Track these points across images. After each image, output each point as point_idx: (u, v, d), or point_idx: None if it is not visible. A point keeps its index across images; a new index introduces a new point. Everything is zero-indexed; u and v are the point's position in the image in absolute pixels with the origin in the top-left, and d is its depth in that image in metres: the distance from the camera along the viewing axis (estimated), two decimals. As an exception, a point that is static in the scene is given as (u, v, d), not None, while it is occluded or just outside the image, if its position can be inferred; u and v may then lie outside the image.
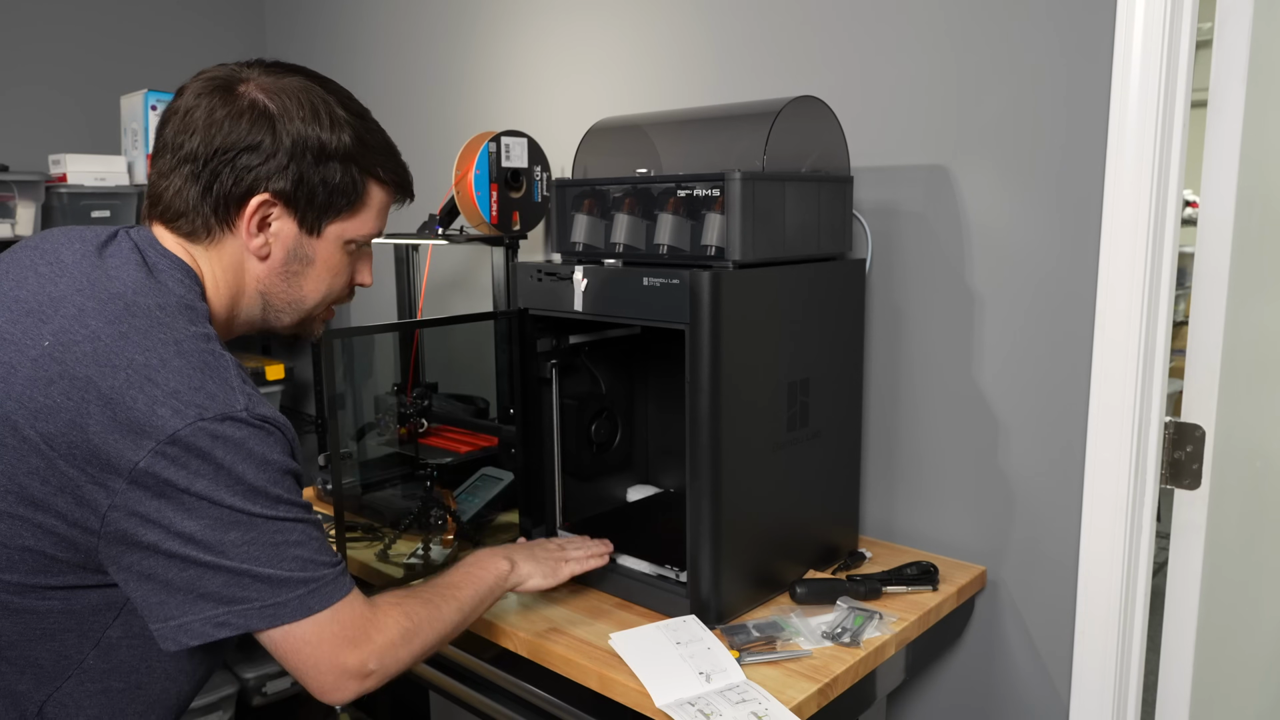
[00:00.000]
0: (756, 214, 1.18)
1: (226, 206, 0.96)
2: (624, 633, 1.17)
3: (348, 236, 1.04)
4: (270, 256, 1.00)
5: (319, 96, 0.98)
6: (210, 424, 0.84)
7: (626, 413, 1.57)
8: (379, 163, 1.04)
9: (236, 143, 0.94)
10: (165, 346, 0.87)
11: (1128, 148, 1.23)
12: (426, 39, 2.27)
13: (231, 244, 0.98)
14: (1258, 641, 1.59)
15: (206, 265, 0.99)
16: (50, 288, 0.91)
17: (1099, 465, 1.30)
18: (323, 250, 1.03)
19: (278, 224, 0.98)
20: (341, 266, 1.06)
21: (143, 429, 0.83)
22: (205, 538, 0.85)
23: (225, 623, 0.87)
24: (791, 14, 1.57)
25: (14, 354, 0.87)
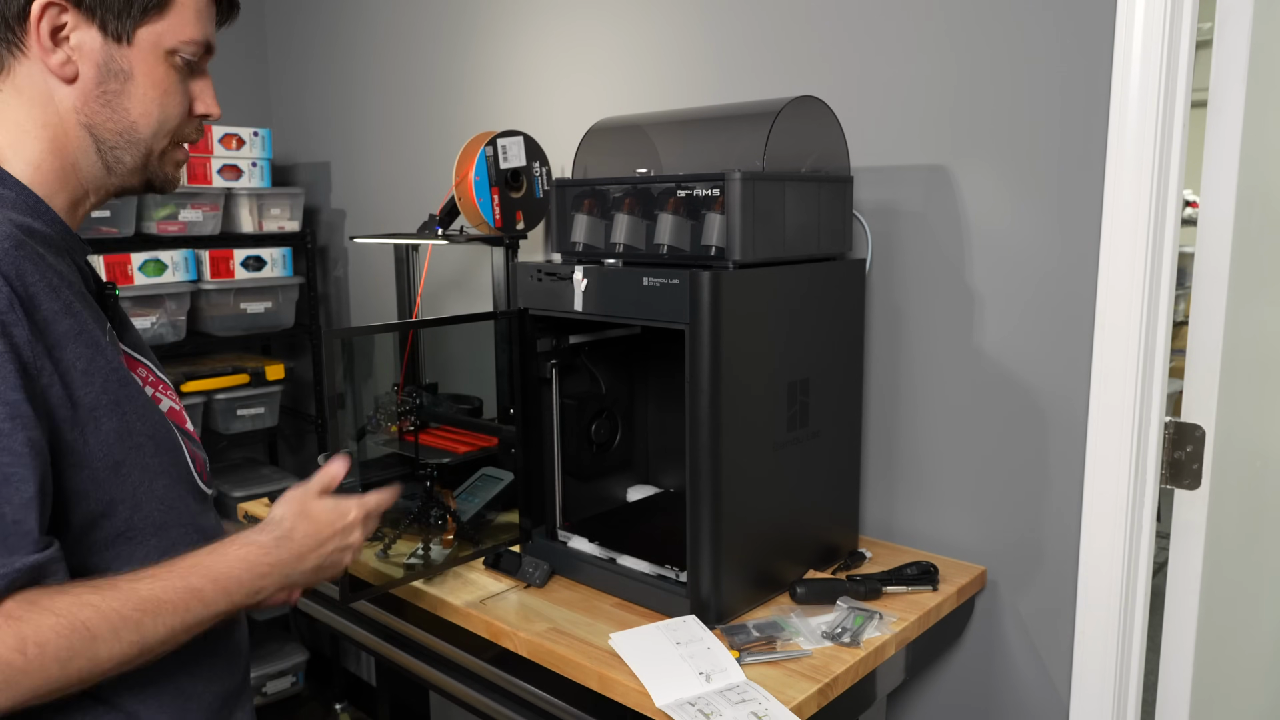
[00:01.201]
0: (756, 214, 1.18)
1: (7, 23, 0.81)
2: (624, 633, 1.17)
3: (166, 44, 0.87)
4: (80, 77, 0.84)
5: None
6: None
7: (626, 413, 1.57)
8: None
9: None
10: None
11: (1128, 148, 1.23)
12: (426, 39, 2.27)
13: (28, 70, 0.83)
14: (1258, 641, 1.59)
15: (2, 117, 0.84)
16: None
17: (1099, 465, 1.30)
18: (140, 62, 0.86)
19: (77, 35, 0.83)
20: (171, 85, 0.89)
21: None
22: None
23: None
24: (791, 14, 1.57)
25: None
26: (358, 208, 2.59)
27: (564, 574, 1.38)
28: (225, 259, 2.37)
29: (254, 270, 2.42)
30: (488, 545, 1.45)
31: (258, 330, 2.48)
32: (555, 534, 1.44)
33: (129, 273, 2.20)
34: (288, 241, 2.56)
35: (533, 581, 1.35)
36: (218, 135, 2.35)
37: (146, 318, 2.27)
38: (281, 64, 2.79)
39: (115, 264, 2.18)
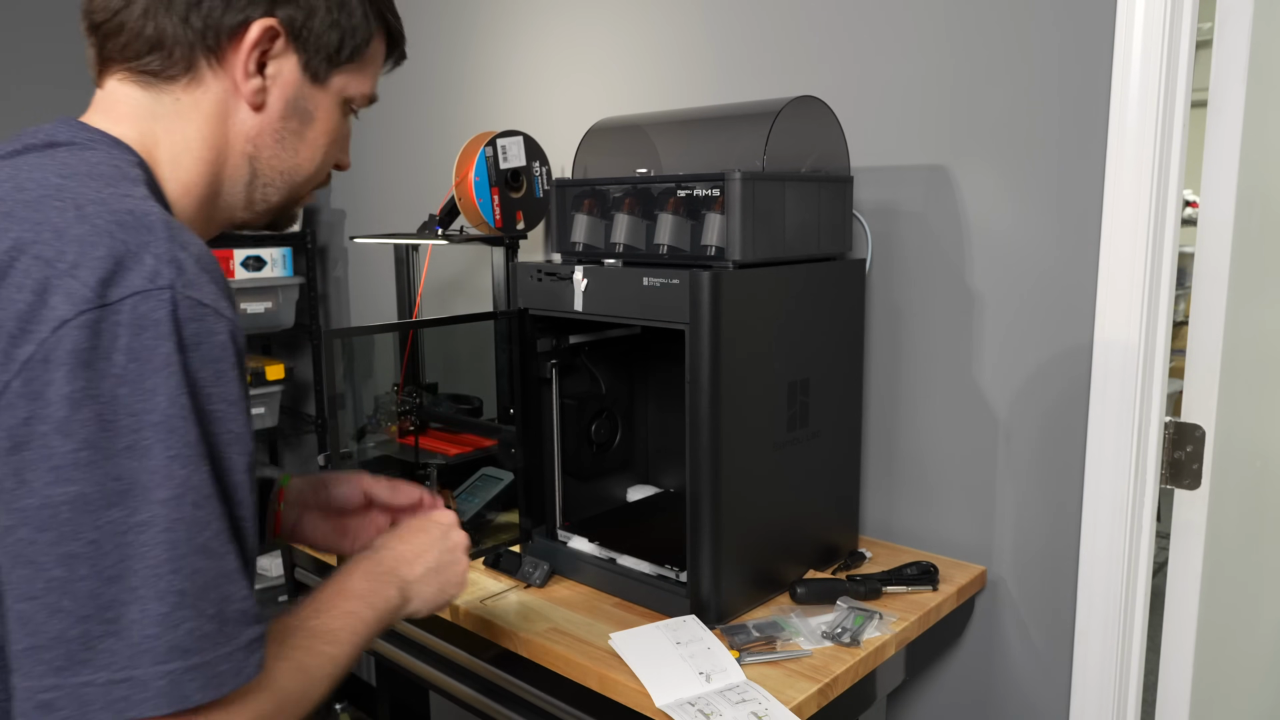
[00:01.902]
0: (756, 214, 1.18)
1: (217, 34, 0.74)
2: (624, 633, 1.17)
3: (349, 92, 0.84)
4: (266, 107, 0.79)
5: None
6: (110, 311, 0.60)
7: (626, 413, 1.57)
8: (388, 8, 0.86)
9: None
10: (63, 214, 0.63)
11: (1128, 148, 1.23)
12: (426, 39, 2.27)
13: (215, 87, 0.76)
14: (1258, 641, 1.59)
15: (172, 133, 0.77)
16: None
17: (1099, 465, 1.30)
18: (323, 105, 0.83)
19: (278, 64, 0.78)
20: (339, 133, 0.86)
21: (24, 328, 0.59)
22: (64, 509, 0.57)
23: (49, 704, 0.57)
24: (791, 14, 1.57)
25: None
26: (358, 208, 2.59)
27: (564, 574, 1.38)
28: (225, 259, 2.37)
29: (254, 270, 2.42)
30: (488, 545, 1.45)
31: (257, 330, 2.48)
32: (555, 534, 1.44)
33: (129, 273, 2.20)
34: (288, 241, 2.56)
35: (533, 581, 1.35)
36: (218, 135, 2.35)
37: (146, 318, 2.27)
38: (281, 64, 2.78)
39: (115, 264, 2.17)
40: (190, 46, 0.74)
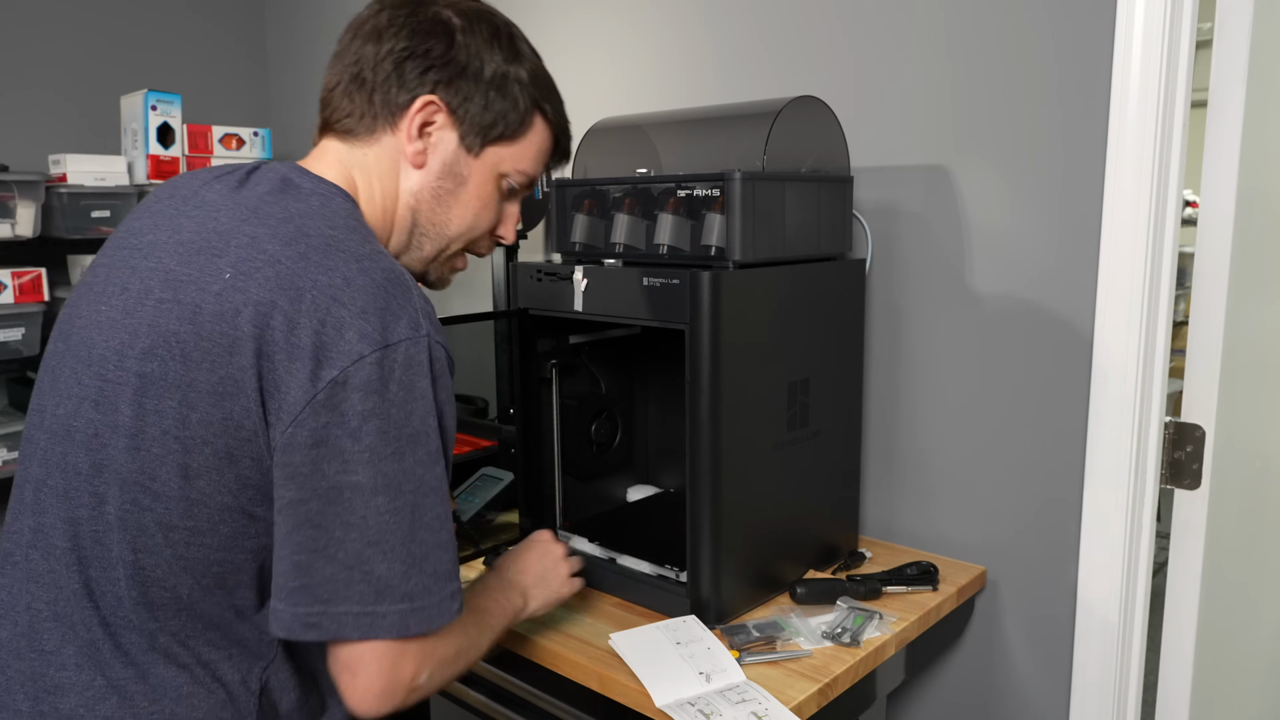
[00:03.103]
0: (756, 214, 1.18)
1: (392, 103, 0.94)
2: (624, 633, 1.17)
3: (504, 167, 1.00)
4: (426, 166, 0.96)
5: (503, 23, 0.99)
6: (394, 351, 0.80)
7: (626, 413, 1.57)
8: (549, 100, 1.02)
9: (414, 47, 0.94)
10: (347, 264, 0.83)
11: (1128, 148, 1.23)
12: (426, 39, 2.27)
13: (389, 144, 0.95)
14: (1258, 641, 1.59)
15: (363, 177, 0.95)
16: (212, 224, 0.87)
17: (1099, 465, 1.30)
18: (477, 173, 0.99)
19: (439, 133, 0.96)
20: (491, 200, 1.01)
21: (326, 358, 0.79)
22: (354, 497, 0.79)
23: (315, 624, 0.80)
24: (791, 14, 1.57)
25: (196, 293, 0.83)
26: (358, 208, 2.59)
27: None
28: (225, 259, 2.37)
29: (254, 270, 2.42)
30: (488, 545, 1.45)
31: (258, 330, 2.48)
32: (555, 534, 1.44)
33: (129, 273, 2.20)
34: (288, 241, 2.55)
35: (533, 581, 1.35)
36: (218, 135, 2.35)
37: (146, 318, 2.27)
38: (281, 64, 2.79)
39: (115, 264, 2.17)
40: (374, 117, 0.95)
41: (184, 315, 0.82)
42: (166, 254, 0.87)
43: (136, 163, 2.29)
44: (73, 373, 0.88)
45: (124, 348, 0.84)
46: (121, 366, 0.84)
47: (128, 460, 0.82)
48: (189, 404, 0.80)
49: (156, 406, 0.81)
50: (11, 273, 2.05)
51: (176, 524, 0.82)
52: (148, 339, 0.83)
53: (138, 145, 2.28)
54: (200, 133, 2.32)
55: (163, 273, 0.86)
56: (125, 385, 0.83)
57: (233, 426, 0.80)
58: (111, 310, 0.87)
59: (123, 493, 0.82)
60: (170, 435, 0.81)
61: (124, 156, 2.27)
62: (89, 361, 0.86)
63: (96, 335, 0.87)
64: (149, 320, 0.84)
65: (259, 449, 0.81)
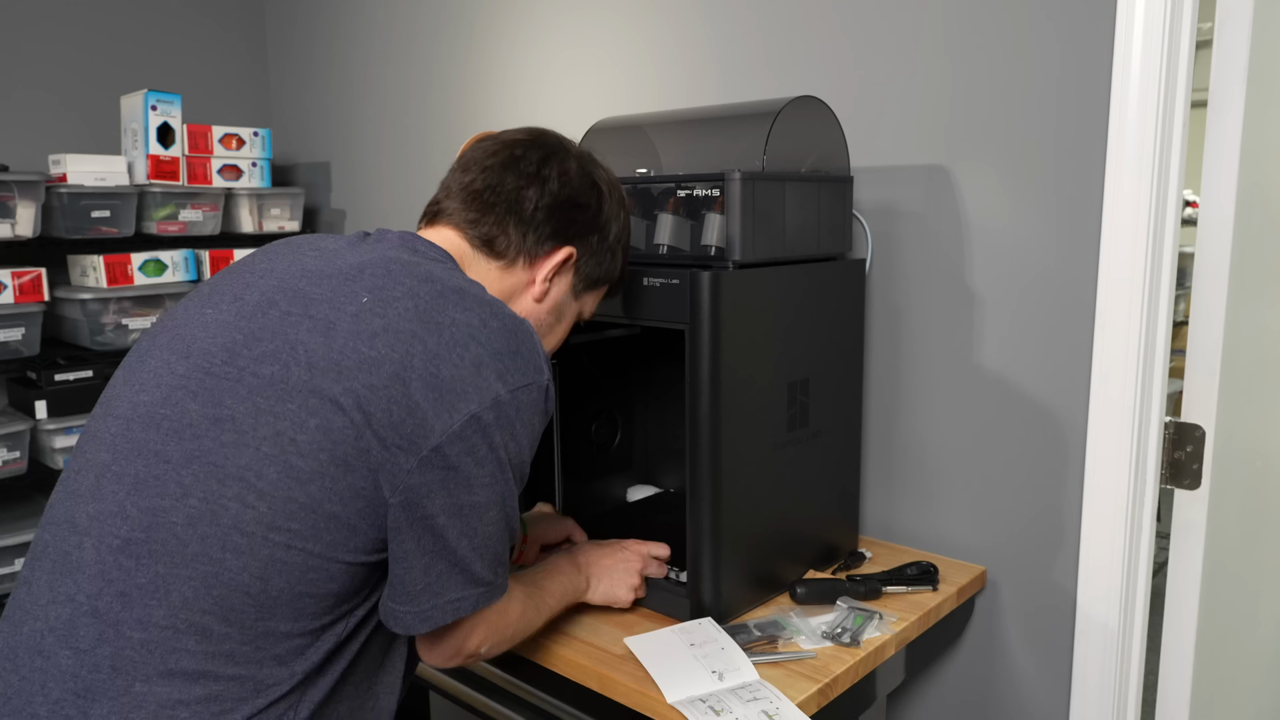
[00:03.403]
0: (756, 214, 1.18)
1: (541, 245, 1.03)
2: (639, 636, 1.17)
3: (587, 309, 1.14)
4: (543, 302, 1.06)
5: (620, 187, 1.12)
6: (524, 392, 0.87)
7: (626, 413, 1.57)
8: (627, 259, 1.15)
9: (574, 199, 1.04)
10: (481, 307, 0.89)
11: (1128, 148, 1.23)
12: (426, 39, 2.27)
13: (520, 276, 1.04)
14: (1258, 641, 1.60)
15: (477, 278, 1.01)
16: (340, 261, 0.92)
17: (1099, 465, 1.30)
18: (571, 311, 1.11)
19: (559, 279, 1.06)
20: (567, 332, 1.14)
21: (464, 391, 0.84)
22: (471, 513, 0.87)
23: (429, 618, 0.89)
24: (791, 14, 1.57)
25: (329, 310, 0.86)
26: (358, 208, 2.59)
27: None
28: (225, 259, 2.37)
29: (254, 270, 2.42)
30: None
31: (258, 330, 2.48)
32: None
33: (129, 273, 2.20)
34: (288, 241, 2.56)
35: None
36: (218, 135, 2.35)
37: (146, 318, 2.27)
38: (281, 64, 2.79)
39: (115, 264, 2.18)
40: (519, 250, 1.02)
41: (315, 328, 0.85)
42: (291, 276, 0.91)
43: (136, 163, 2.29)
44: (163, 364, 0.88)
45: (236, 346, 0.86)
46: (232, 364, 0.85)
47: (231, 455, 0.82)
48: (309, 410, 0.82)
49: (273, 407, 0.82)
50: (11, 273, 2.05)
51: (280, 524, 0.82)
52: (270, 343, 0.85)
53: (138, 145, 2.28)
54: (200, 133, 2.32)
55: (289, 290, 0.89)
56: (237, 382, 0.84)
57: (353, 437, 0.82)
58: (220, 314, 0.89)
59: (221, 486, 0.82)
60: (285, 436, 0.82)
61: (124, 156, 2.27)
62: (186, 354, 0.87)
63: (199, 333, 0.89)
64: (272, 327, 0.86)
65: (376, 462, 0.83)
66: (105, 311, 2.21)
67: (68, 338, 2.30)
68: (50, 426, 2.13)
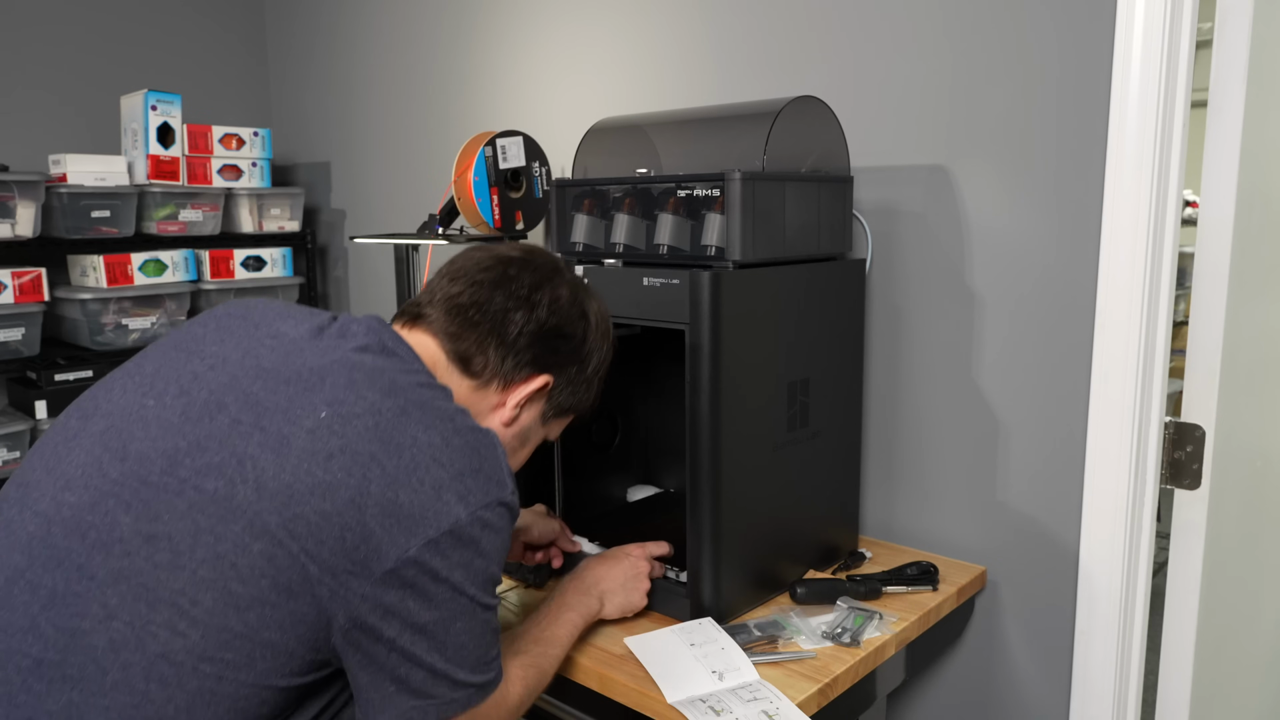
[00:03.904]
0: (756, 214, 1.18)
1: (518, 370, 1.00)
2: (639, 636, 1.17)
3: (553, 434, 1.12)
4: (510, 426, 1.03)
5: (609, 320, 1.11)
6: (486, 511, 0.84)
7: (626, 413, 1.57)
8: (601, 390, 1.13)
9: (559, 329, 1.02)
10: (444, 423, 0.86)
11: (1128, 148, 1.23)
12: (426, 39, 2.27)
13: (491, 398, 1.01)
14: (1258, 641, 1.59)
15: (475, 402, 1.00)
16: (298, 360, 0.87)
17: (1099, 465, 1.30)
18: (537, 435, 1.09)
19: (530, 407, 1.04)
20: (528, 457, 1.11)
21: (423, 517, 0.80)
22: (435, 629, 0.83)
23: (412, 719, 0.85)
24: (791, 14, 1.57)
25: (284, 424, 0.81)
26: (358, 208, 2.59)
27: (564, 574, 1.38)
28: (225, 259, 2.37)
29: (254, 270, 2.43)
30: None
31: (258, 330, 2.48)
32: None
33: (129, 273, 2.20)
34: (288, 241, 2.56)
35: (532, 582, 1.35)
36: (218, 135, 2.35)
37: (146, 318, 2.27)
38: (281, 64, 2.79)
39: (115, 264, 2.18)
40: (494, 373, 1.00)
41: (267, 443, 0.80)
42: (244, 375, 0.85)
43: (136, 163, 2.29)
44: (94, 461, 0.81)
45: (179, 455, 0.80)
46: (172, 474, 0.79)
47: (164, 577, 0.76)
48: (254, 533, 0.77)
49: (214, 528, 0.77)
50: (11, 273, 2.05)
51: (213, 655, 0.76)
52: (216, 455, 0.79)
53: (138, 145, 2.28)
54: (200, 133, 2.32)
55: (241, 393, 0.83)
56: (176, 495, 0.78)
57: (300, 564, 0.77)
58: (163, 410, 0.83)
59: (150, 611, 0.75)
60: (225, 560, 0.76)
61: (124, 156, 2.27)
62: (122, 456, 0.81)
63: (139, 431, 0.82)
64: (220, 436, 0.80)
65: (325, 589, 0.78)
66: (105, 311, 2.21)
67: (68, 338, 2.30)
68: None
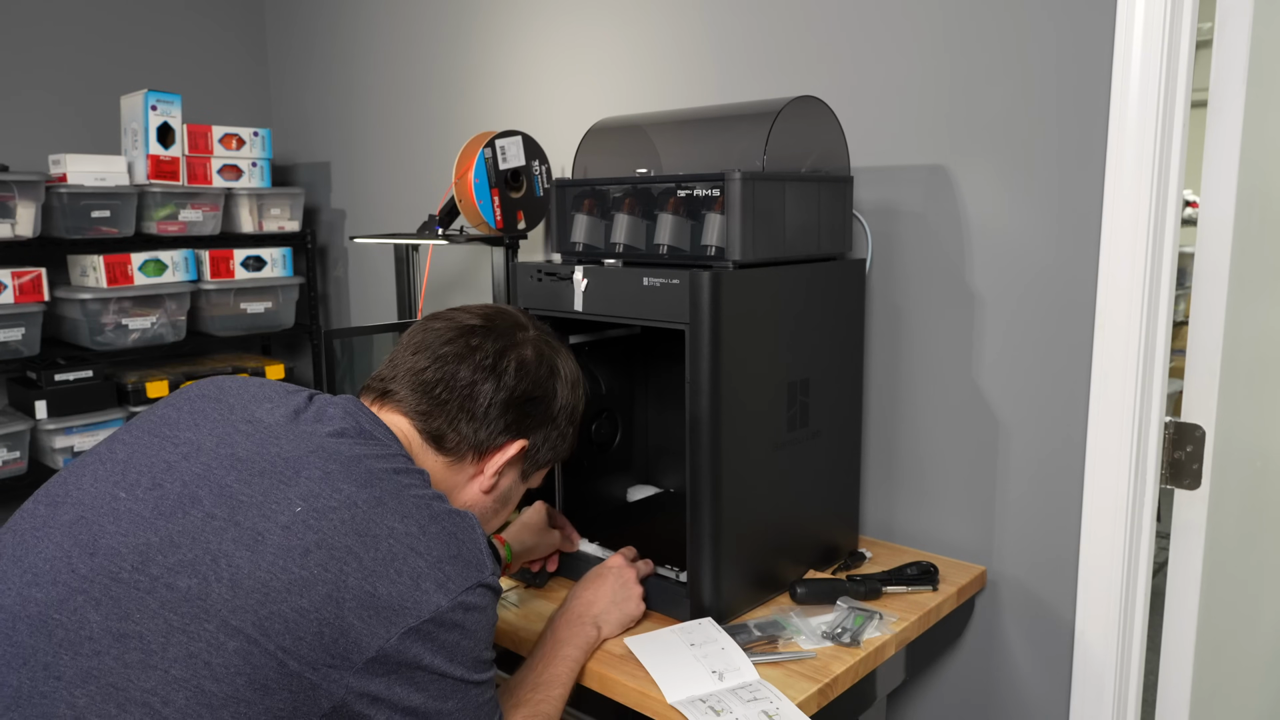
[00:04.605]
0: (756, 214, 1.18)
1: (492, 440, 1.01)
2: (638, 636, 1.17)
3: (535, 483, 1.12)
4: (491, 492, 1.04)
5: (575, 364, 1.11)
6: (467, 595, 0.84)
7: (626, 413, 1.57)
8: (578, 431, 1.14)
9: (530, 393, 1.02)
10: (420, 511, 0.86)
11: (1128, 148, 1.23)
12: (426, 39, 2.27)
13: (467, 470, 1.02)
14: (1258, 641, 1.59)
15: (426, 466, 0.99)
16: (274, 448, 0.86)
17: (1099, 465, 1.30)
18: (518, 493, 1.10)
19: (512, 468, 1.05)
20: (510, 512, 1.11)
21: (402, 607, 0.80)
22: (427, 710, 0.83)
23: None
24: (791, 14, 1.57)
25: (259, 519, 0.80)
26: (358, 208, 2.59)
27: (564, 574, 1.38)
28: (225, 259, 2.37)
29: (254, 270, 2.43)
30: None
31: (257, 330, 2.48)
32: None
33: (129, 272, 2.20)
34: (288, 241, 2.56)
35: (533, 582, 1.35)
36: (218, 135, 2.35)
37: (146, 318, 2.27)
38: (281, 64, 2.79)
39: (115, 264, 2.18)
40: (469, 446, 1.00)
41: (242, 539, 0.79)
42: (218, 465, 0.85)
43: (136, 163, 2.29)
44: (62, 555, 0.79)
45: (150, 551, 0.78)
46: (144, 571, 0.77)
47: (135, 677, 0.74)
48: (229, 632, 0.75)
49: (186, 626, 0.75)
50: (11, 273, 2.05)
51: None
52: (189, 552, 0.78)
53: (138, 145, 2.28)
54: (200, 133, 2.32)
55: (215, 485, 0.83)
56: (148, 593, 0.76)
57: (277, 662, 0.76)
58: (135, 503, 0.82)
59: (120, 712, 0.73)
60: (198, 659, 0.74)
61: (124, 156, 2.27)
62: (92, 551, 0.79)
63: (109, 524, 0.81)
64: (193, 532, 0.79)
65: (303, 684, 0.77)
66: (105, 311, 2.21)
67: (68, 338, 2.30)
68: (50, 426, 2.13)
